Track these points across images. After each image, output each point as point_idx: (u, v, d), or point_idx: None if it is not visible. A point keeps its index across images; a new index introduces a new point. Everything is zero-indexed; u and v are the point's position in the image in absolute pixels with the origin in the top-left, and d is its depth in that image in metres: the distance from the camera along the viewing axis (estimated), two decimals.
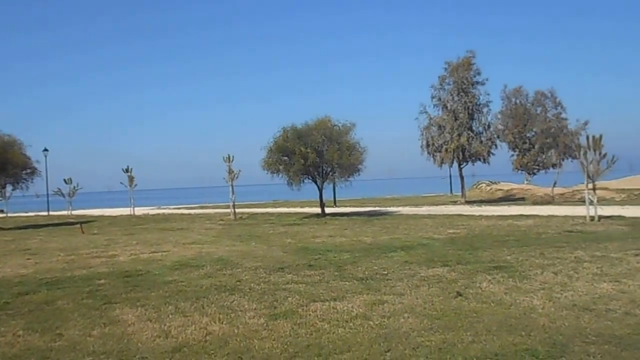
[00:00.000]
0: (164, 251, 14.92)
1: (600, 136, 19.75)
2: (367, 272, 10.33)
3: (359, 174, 29.09)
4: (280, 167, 27.96)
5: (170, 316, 7.49)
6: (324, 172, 28.65)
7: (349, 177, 28.85)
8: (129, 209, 37.88)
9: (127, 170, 39.00)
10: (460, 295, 8.07)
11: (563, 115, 37.57)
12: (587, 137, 20.40)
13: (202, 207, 45.38)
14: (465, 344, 5.80)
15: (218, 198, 52.23)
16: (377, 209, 34.17)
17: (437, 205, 35.72)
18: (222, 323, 7.00)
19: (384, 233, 17.88)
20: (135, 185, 38.67)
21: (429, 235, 16.61)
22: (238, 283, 9.74)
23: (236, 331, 6.61)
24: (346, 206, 38.70)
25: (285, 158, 27.68)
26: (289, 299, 8.23)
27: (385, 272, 10.26)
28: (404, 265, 11.05)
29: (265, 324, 6.86)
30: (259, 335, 6.39)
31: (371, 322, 6.75)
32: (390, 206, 36.30)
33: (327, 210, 30.71)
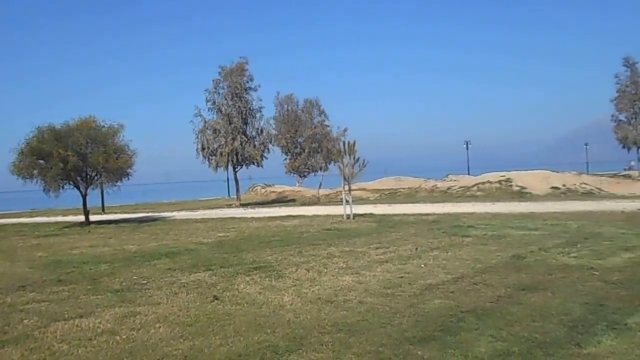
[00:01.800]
0: None
1: (354, 142, 21.86)
2: (124, 283, 9.79)
3: (128, 179, 27.64)
4: (35, 172, 24.99)
5: None
6: (88, 176, 26.51)
7: (117, 181, 27.19)
8: None
9: None
10: (217, 299, 8.13)
11: (326, 123, 40.87)
12: (344, 143, 22.44)
13: None
14: (212, 348, 5.82)
15: None
16: (150, 214, 32.91)
17: (213, 208, 35.80)
18: None
19: (152, 240, 17.24)
20: None
21: (198, 240, 16.48)
22: None
23: None
24: (116, 213, 36.49)
25: (41, 161, 24.86)
26: (25, 321, 7.33)
27: (145, 282, 9.85)
28: (166, 272, 10.75)
29: None
30: None
31: (118, 337, 6.38)
32: (164, 211, 35.29)
33: (94, 217, 28.54)
